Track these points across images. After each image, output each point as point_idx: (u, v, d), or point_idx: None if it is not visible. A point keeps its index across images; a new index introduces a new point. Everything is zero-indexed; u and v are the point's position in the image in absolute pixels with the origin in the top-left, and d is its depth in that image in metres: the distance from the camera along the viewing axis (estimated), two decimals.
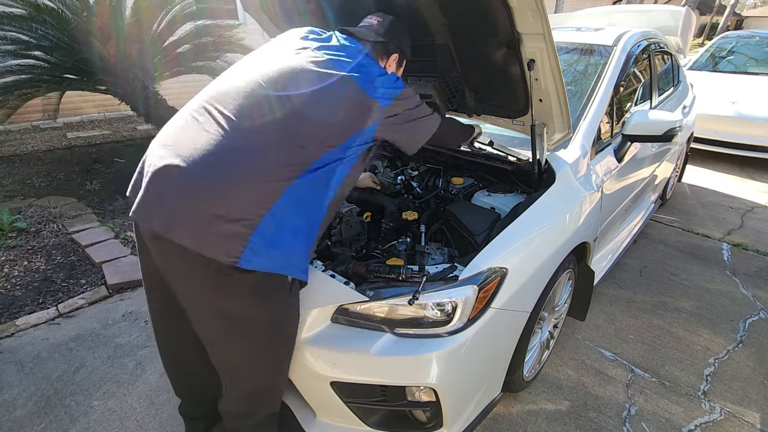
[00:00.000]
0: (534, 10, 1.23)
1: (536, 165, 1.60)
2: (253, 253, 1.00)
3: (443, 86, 1.76)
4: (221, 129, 1.06)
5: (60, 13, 3.63)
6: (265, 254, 1.02)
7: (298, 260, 1.09)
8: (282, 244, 1.04)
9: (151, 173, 1.06)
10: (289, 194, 1.04)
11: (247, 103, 1.09)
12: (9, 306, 2.37)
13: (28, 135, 5.60)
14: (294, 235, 1.07)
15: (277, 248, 1.04)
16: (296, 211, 1.06)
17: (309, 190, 1.09)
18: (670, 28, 3.23)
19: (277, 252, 1.04)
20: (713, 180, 4.45)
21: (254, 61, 1.24)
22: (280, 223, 1.03)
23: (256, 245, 1.00)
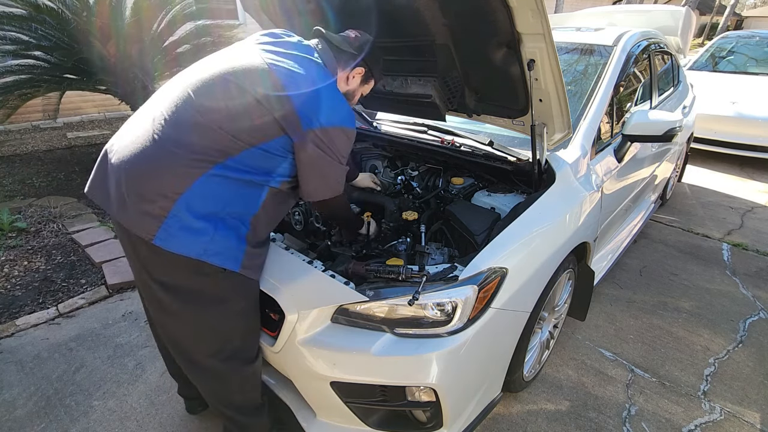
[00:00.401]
0: (534, 10, 1.23)
1: (536, 165, 1.60)
2: (168, 234, 1.09)
3: (443, 86, 1.76)
4: (152, 125, 1.14)
5: (60, 13, 3.63)
6: (178, 236, 1.09)
7: (218, 249, 1.13)
8: (197, 231, 1.10)
9: (99, 162, 1.22)
10: (203, 183, 1.10)
11: (176, 102, 1.16)
12: (9, 306, 2.37)
13: (28, 135, 5.61)
14: (212, 223, 1.12)
15: (192, 234, 1.10)
16: (213, 202, 1.12)
17: (227, 187, 1.13)
18: (670, 28, 3.23)
19: (192, 237, 1.10)
20: (713, 180, 4.45)
21: (208, 63, 1.25)
22: (195, 209, 1.10)
23: (170, 227, 1.09)
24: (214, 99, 1.14)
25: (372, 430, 1.34)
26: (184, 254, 1.10)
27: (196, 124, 1.12)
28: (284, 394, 1.45)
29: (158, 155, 1.11)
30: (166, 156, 1.10)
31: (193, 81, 1.18)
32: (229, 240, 1.15)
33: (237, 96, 1.14)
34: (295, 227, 1.82)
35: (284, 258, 1.41)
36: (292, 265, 1.38)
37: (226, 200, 1.14)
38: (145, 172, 1.11)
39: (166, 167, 1.10)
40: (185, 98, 1.15)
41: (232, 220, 1.16)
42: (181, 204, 1.09)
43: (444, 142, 1.95)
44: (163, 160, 1.10)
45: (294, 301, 1.29)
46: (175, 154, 1.10)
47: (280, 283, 1.33)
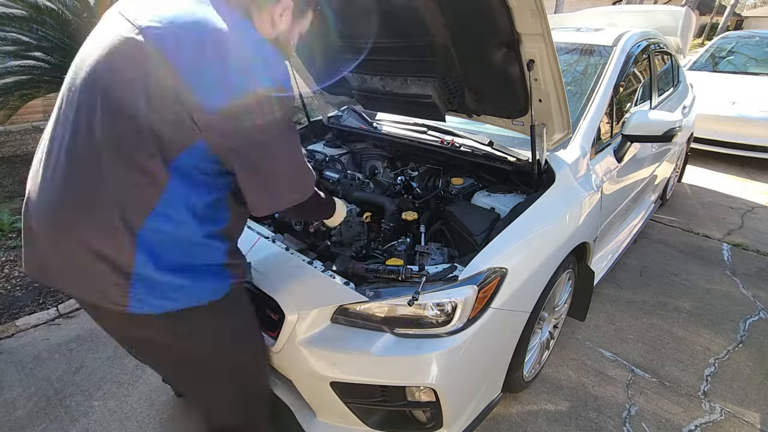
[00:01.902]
0: (533, 11, 1.23)
1: (536, 165, 1.60)
2: (139, 301, 0.87)
3: (443, 86, 1.76)
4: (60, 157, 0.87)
5: (60, 14, 3.64)
6: (152, 299, 0.88)
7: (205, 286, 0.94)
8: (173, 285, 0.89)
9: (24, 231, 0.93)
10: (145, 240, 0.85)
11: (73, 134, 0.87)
12: (9, 306, 2.38)
13: (29, 136, 5.61)
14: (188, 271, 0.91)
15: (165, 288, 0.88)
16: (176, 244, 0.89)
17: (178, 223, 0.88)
18: (670, 28, 3.23)
19: (168, 291, 0.89)
20: (713, 180, 4.45)
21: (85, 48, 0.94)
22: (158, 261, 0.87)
23: (138, 293, 0.86)
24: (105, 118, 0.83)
25: (372, 430, 1.34)
26: (167, 311, 0.90)
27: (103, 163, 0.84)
28: (284, 394, 1.45)
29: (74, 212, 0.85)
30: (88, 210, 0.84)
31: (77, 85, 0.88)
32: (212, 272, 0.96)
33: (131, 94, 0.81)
34: (295, 227, 1.82)
35: (284, 258, 1.41)
36: (291, 265, 1.38)
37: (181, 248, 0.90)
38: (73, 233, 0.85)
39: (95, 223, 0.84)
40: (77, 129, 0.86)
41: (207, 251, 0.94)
42: (139, 261, 0.85)
43: (444, 142, 1.95)
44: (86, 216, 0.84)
45: (294, 301, 1.29)
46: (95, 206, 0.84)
47: (280, 283, 1.33)
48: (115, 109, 0.83)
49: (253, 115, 0.83)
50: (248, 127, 0.84)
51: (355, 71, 2.03)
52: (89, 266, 0.86)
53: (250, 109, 0.83)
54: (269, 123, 0.86)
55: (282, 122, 0.89)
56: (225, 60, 0.81)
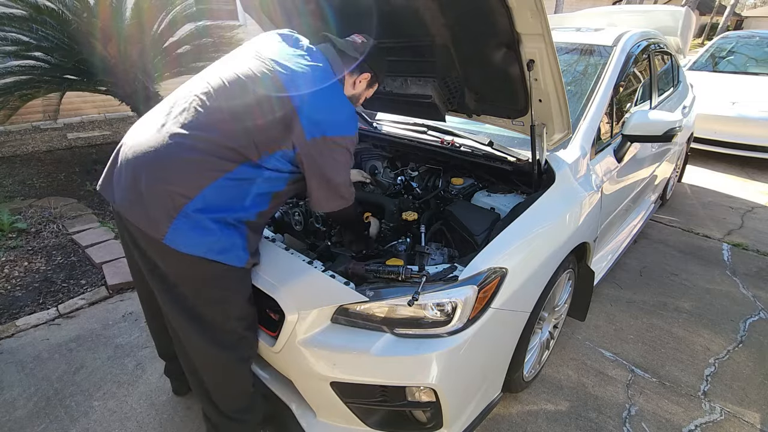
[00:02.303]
0: (533, 11, 1.23)
1: (536, 165, 1.60)
2: (176, 233, 1.12)
3: (443, 86, 1.76)
4: (169, 128, 1.17)
5: (60, 14, 3.64)
6: (187, 235, 1.12)
7: (223, 248, 1.16)
8: (205, 231, 1.14)
9: (114, 159, 1.25)
10: (216, 187, 1.14)
11: (190, 108, 1.19)
12: (9, 306, 2.38)
13: (29, 136, 5.61)
14: (219, 225, 1.16)
15: (199, 233, 1.13)
16: (221, 204, 1.16)
17: (235, 189, 1.18)
18: (670, 28, 3.23)
19: (199, 237, 1.13)
20: (713, 180, 4.45)
21: (212, 69, 1.30)
22: (206, 210, 1.13)
23: (179, 227, 1.12)
24: (234, 103, 1.18)
25: (372, 430, 1.34)
26: (192, 253, 1.13)
27: (218, 126, 1.16)
28: (284, 394, 1.45)
29: (180, 154, 1.13)
30: (188, 155, 1.13)
31: (213, 83, 1.21)
32: (234, 238, 1.19)
33: (252, 101, 1.17)
34: (295, 227, 1.83)
35: (284, 258, 1.42)
36: (292, 266, 1.38)
37: (237, 202, 1.19)
38: (166, 169, 1.13)
39: (186, 166, 1.13)
40: (206, 100, 1.18)
41: (238, 221, 1.20)
42: (194, 204, 1.12)
43: (444, 142, 1.96)
44: (184, 159, 1.13)
45: (294, 301, 1.29)
46: (196, 154, 1.13)
47: (280, 283, 1.33)
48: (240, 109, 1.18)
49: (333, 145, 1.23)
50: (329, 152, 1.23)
51: None
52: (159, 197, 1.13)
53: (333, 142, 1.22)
54: (341, 151, 1.25)
55: (347, 152, 1.27)
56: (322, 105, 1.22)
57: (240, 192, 1.19)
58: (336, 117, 1.24)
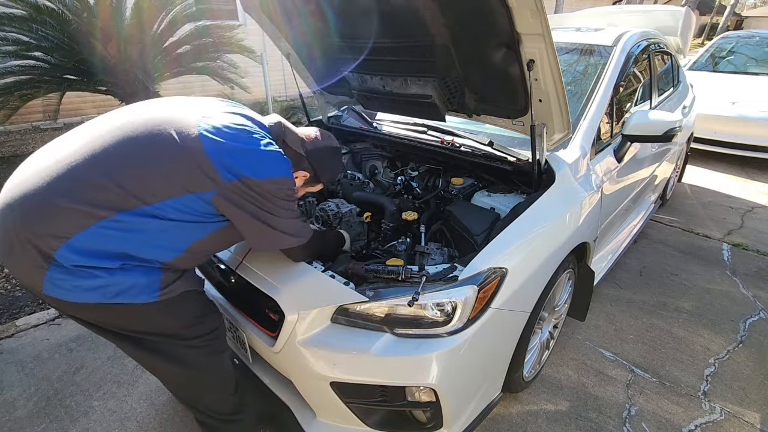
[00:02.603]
0: (533, 11, 1.23)
1: (536, 165, 1.60)
2: (54, 285, 0.99)
3: (443, 86, 1.76)
4: (50, 162, 1.04)
5: (60, 14, 3.64)
6: (68, 286, 0.99)
7: (121, 288, 1.02)
8: (88, 276, 1.00)
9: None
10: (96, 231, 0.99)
11: (83, 142, 1.05)
12: (9, 306, 2.38)
13: (29, 135, 5.61)
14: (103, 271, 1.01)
15: (82, 279, 0.99)
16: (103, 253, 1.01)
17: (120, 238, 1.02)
18: (670, 28, 3.23)
19: (82, 282, 0.99)
20: (713, 180, 4.45)
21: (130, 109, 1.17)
22: (79, 257, 0.99)
23: (54, 277, 0.98)
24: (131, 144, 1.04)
25: (372, 430, 1.34)
26: (82, 302, 1.00)
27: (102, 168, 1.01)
28: (284, 394, 1.45)
29: (50, 198, 0.99)
30: (59, 199, 0.98)
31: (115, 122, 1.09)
32: (132, 278, 1.04)
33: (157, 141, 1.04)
34: None
35: (284, 258, 1.41)
36: (291, 266, 1.38)
37: (127, 248, 1.03)
38: (36, 211, 0.98)
39: (56, 211, 0.98)
40: (98, 140, 1.04)
41: (134, 264, 1.05)
42: (64, 251, 0.97)
43: (444, 142, 1.95)
44: (54, 203, 0.98)
45: (294, 301, 1.29)
46: (68, 198, 0.98)
47: (280, 283, 1.33)
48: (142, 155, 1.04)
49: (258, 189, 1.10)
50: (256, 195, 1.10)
51: (355, 71, 2.04)
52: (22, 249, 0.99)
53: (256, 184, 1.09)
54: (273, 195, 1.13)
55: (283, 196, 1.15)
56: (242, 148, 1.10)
57: (131, 242, 1.03)
58: (260, 161, 1.10)
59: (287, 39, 2.13)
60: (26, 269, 1.00)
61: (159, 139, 1.04)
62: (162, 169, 1.03)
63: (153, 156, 1.03)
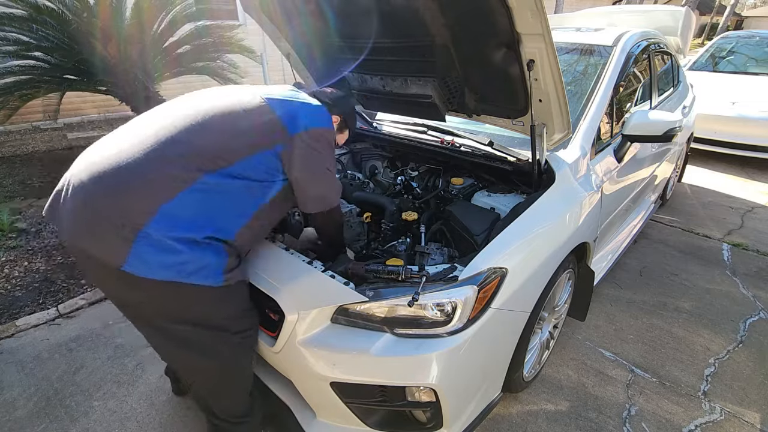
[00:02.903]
0: (533, 11, 1.23)
1: (536, 165, 1.60)
2: (138, 259, 1.02)
3: (443, 86, 1.76)
4: (127, 144, 1.11)
5: (60, 14, 3.64)
6: (149, 260, 1.03)
7: (195, 268, 1.07)
8: (170, 252, 1.04)
9: (64, 183, 1.14)
10: (182, 199, 1.06)
11: (158, 125, 1.15)
12: (9, 306, 2.38)
13: (29, 135, 5.61)
14: (187, 245, 1.06)
15: (164, 255, 1.04)
16: (190, 219, 1.07)
17: (205, 202, 1.10)
18: (670, 28, 3.23)
19: (164, 259, 1.04)
20: (713, 180, 4.45)
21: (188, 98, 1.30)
22: (168, 229, 1.04)
23: (139, 252, 1.02)
24: (208, 114, 1.17)
25: (372, 430, 1.34)
26: (158, 278, 1.03)
27: (185, 137, 1.12)
28: (284, 394, 1.45)
29: (137, 170, 1.05)
30: (146, 170, 1.06)
31: (185, 105, 1.22)
32: (207, 258, 1.09)
33: (230, 110, 1.19)
34: None
35: (284, 258, 1.42)
36: (292, 266, 1.38)
37: (209, 218, 1.10)
38: (121, 187, 1.05)
39: (144, 183, 1.05)
40: (174, 118, 1.16)
41: (212, 239, 1.11)
42: (155, 223, 1.03)
43: (444, 142, 1.95)
44: (142, 174, 1.05)
45: (294, 301, 1.29)
46: (156, 168, 1.06)
47: (280, 283, 1.33)
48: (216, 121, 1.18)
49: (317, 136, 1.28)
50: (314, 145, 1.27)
51: (355, 71, 2.04)
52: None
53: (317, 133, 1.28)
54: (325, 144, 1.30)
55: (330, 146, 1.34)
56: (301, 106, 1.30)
57: (212, 206, 1.11)
58: (315, 113, 1.30)
59: (287, 39, 2.14)
60: (110, 244, 1.03)
61: (231, 110, 1.19)
62: (239, 132, 1.17)
63: (229, 123, 1.17)
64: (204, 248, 1.09)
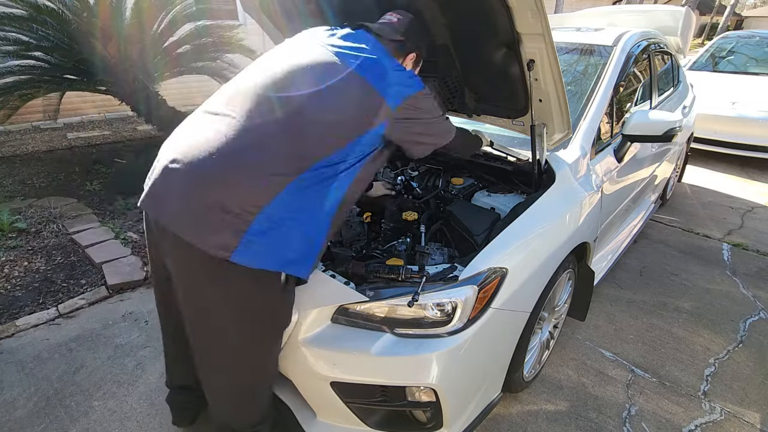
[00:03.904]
0: (533, 11, 1.23)
1: (536, 165, 1.60)
2: (247, 248, 1.00)
3: (443, 86, 1.76)
4: (228, 128, 1.06)
5: (60, 14, 3.64)
6: (259, 250, 1.02)
7: (296, 258, 1.07)
8: (279, 242, 1.04)
9: (160, 169, 1.09)
10: (290, 192, 1.03)
11: (254, 103, 1.10)
12: (9, 306, 2.37)
13: (29, 135, 5.61)
14: (293, 233, 1.06)
15: (273, 245, 1.03)
16: (296, 210, 1.05)
17: (311, 190, 1.07)
18: (670, 28, 3.23)
19: (273, 249, 1.03)
20: (713, 180, 4.45)
21: (265, 62, 1.24)
22: (278, 220, 1.03)
23: (251, 241, 1.00)
24: (294, 97, 1.10)
25: (372, 430, 1.34)
26: (264, 267, 1.03)
27: (280, 127, 1.07)
28: (284, 394, 1.45)
29: (238, 163, 1.02)
30: (248, 164, 1.03)
31: (266, 78, 1.14)
32: (306, 247, 1.09)
33: (328, 88, 1.12)
34: None
35: None
36: None
37: (311, 204, 1.08)
38: (224, 181, 1.02)
39: (248, 177, 1.02)
40: (261, 97, 1.10)
41: (313, 228, 1.10)
42: (264, 216, 1.01)
43: None
44: (245, 169, 1.02)
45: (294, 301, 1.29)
46: (258, 162, 1.03)
47: None
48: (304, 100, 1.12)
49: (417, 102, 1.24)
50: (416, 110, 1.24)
51: None
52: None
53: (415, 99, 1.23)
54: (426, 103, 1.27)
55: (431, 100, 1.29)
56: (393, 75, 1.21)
57: (318, 193, 1.09)
58: (407, 83, 1.22)
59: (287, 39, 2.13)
60: (218, 235, 1.00)
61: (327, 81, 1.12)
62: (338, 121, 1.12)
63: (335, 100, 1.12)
64: (310, 238, 1.08)
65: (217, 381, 1.29)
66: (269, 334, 1.21)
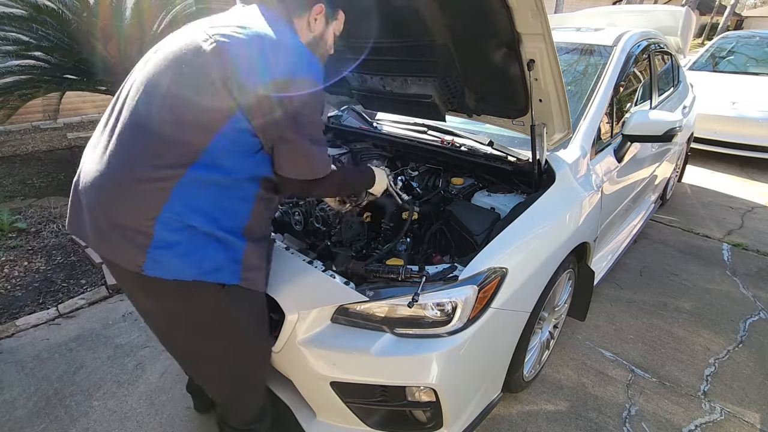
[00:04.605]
0: (533, 11, 1.23)
1: (536, 165, 1.60)
2: (155, 262, 0.98)
3: (443, 86, 1.76)
4: (113, 142, 1.02)
5: (60, 14, 3.64)
6: (168, 262, 0.98)
7: (214, 266, 1.02)
8: (188, 251, 0.99)
9: (72, 194, 1.12)
10: (178, 197, 0.97)
11: (131, 104, 1.03)
12: (9, 306, 2.38)
13: (29, 135, 5.61)
14: (200, 239, 1.00)
15: (182, 254, 0.99)
16: (196, 214, 0.99)
17: (204, 192, 1.00)
18: (670, 28, 3.23)
19: (182, 258, 0.99)
20: (713, 180, 4.45)
21: (147, 59, 1.11)
22: (179, 228, 0.98)
23: (157, 253, 0.97)
24: (164, 92, 0.99)
25: (372, 430, 1.34)
26: (179, 278, 0.99)
27: (152, 128, 0.99)
28: (284, 394, 1.45)
29: (123, 178, 0.98)
30: (131, 177, 0.98)
31: (141, 79, 1.04)
32: (222, 252, 1.03)
33: (185, 79, 0.99)
34: (295, 227, 1.82)
35: (284, 258, 1.41)
36: (292, 265, 1.38)
37: (210, 209, 1.01)
38: (116, 200, 0.99)
39: (135, 190, 0.98)
40: (137, 102, 1.02)
41: (221, 232, 1.03)
42: (161, 226, 0.97)
43: (444, 142, 1.95)
44: (130, 183, 0.98)
45: (294, 301, 1.29)
46: (139, 172, 0.97)
47: (280, 283, 1.33)
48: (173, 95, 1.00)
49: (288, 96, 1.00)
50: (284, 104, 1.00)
51: (355, 71, 2.03)
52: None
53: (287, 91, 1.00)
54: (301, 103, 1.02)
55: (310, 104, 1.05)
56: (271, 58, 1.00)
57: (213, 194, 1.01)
58: (281, 60, 1.01)
59: None
60: (127, 252, 0.99)
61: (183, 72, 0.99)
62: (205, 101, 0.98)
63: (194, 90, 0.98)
64: (222, 241, 1.02)
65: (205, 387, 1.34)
66: (237, 344, 1.18)
